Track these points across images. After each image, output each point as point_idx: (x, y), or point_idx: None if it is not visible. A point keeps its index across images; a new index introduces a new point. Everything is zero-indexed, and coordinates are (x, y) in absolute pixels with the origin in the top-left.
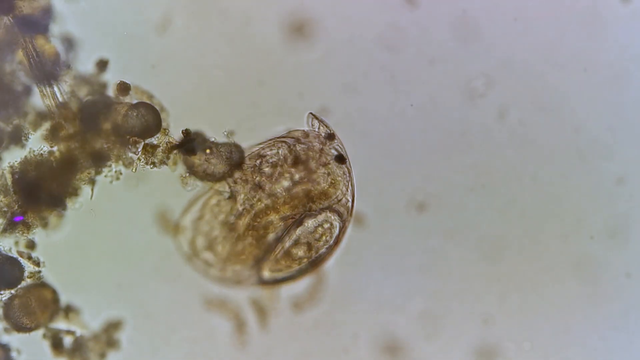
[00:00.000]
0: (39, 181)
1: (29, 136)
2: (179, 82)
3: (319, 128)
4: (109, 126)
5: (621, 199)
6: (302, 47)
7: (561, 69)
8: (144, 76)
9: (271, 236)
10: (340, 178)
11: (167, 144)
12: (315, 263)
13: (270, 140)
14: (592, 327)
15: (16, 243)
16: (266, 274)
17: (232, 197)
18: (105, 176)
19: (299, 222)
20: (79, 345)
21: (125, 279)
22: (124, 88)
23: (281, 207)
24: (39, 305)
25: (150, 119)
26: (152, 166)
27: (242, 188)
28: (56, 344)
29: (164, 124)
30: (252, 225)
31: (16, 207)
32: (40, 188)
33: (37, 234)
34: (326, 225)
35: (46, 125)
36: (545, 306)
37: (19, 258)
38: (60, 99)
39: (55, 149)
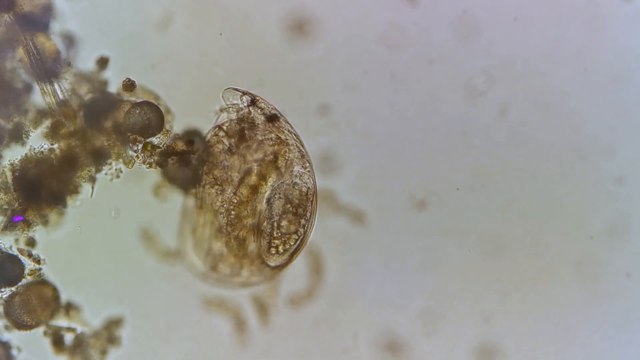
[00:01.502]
0: (40, 179)
1: (30, 134)
2: (179, 80)
3: (240, 99)
4: (111, 122)
5: (621, 198)
6: (303, 45)
7: (561, 69)
8: (143, 74)
9: (263, 225)
10: (283, 135)
11: (167, 147)
12: (308, 226)
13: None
14: (593, 326)
15: (16, 241)
16: (273, 259)
17: (202, 204)
18: (106, 174)
19: (273, 199)
20: (79, 342)
21: (125, 276)
22: (129, 85)
23: (252, 189)
24: (40, 303)
25: (153, 117)
26: (148, 166)
27: (211, 190)
28: (57, 342)
29: (167, 126)
30: (239, 218)
31: (17, 205)
32: (41, 186)
33: (38, 232)
34: (297, 186)
35: (47, 123)
36: (546, 305)
37: (20, 255)
38: (61, 97)
39: (55, 146)
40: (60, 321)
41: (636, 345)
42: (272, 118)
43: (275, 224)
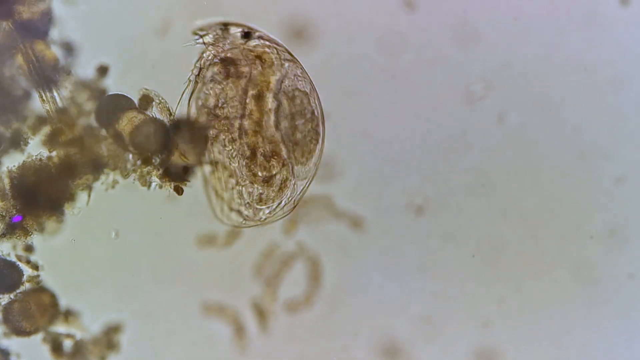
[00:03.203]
0: (38, 186)
1: (28, 141)
2: (178, 84)
3: (211, 35)
4: (119, 128)
5: (621, 199)
6: (302, 50)
7: (561, 70)
8: (143, 80)
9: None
10: (265, 49)
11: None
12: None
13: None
14: (593, 328)
15: (14, 247)
16: (300, 161)
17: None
18: (102, 183)
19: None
20: (79, 348)
21: (124, 282)
22: (145, 100)
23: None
24: (38, 309)
25: (160, 139)
26: (142, 184)
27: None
28: (56, 348)
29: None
30: (256, 144)
31: (14, 212)
32: (39, 193)
33: (36, 238)
34: (296, 87)
35: (45, 130)
36: (545, 308)
37: (18, 262)
38: (60, 104)
39: (54, 154)
40: (59, 327)
41: (637, 345)
42: (247, 36)
43: (292, 127)
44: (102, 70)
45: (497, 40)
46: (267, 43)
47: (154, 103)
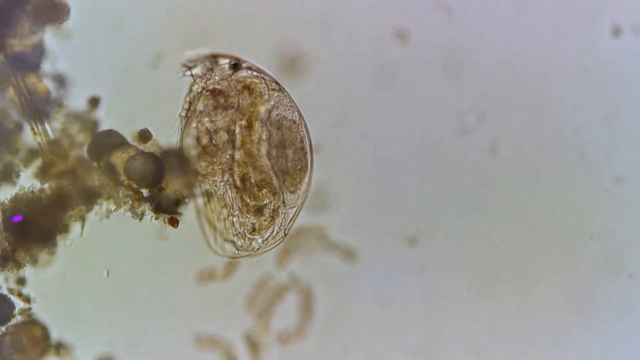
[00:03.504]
0: (30, 218)
1: (20, 173)
2: (170, 115)
3: (199, 67)
4: (112, 161)
5: (621, 199)
6: (294, 79)
7: (561, 69)
8: (134, 112)
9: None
10: (253, 80)
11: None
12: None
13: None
14: (593, 331)
15: (6, 280)
16: (290, 190)
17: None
18: (96, 214)
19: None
20: None
21: (116, 315)
22: (144, 136)
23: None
24: (30, 342)
25: (153, 172)
26: (133, 216)
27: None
28: None
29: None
30: (248, 174)
31: (7, 245)
32: (31, 225)
33: (28, 270)
34: (286, 120)
35: (37, 163)
36: (539, 341)
37: (9, 295)
38: (52, 137)
39: (46, 186)
40: None
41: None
42: (235, 67)
43: (281, 156)
44: (94, 102)
45: (496, 37)
46: (255, 74)
47: (147, 139)
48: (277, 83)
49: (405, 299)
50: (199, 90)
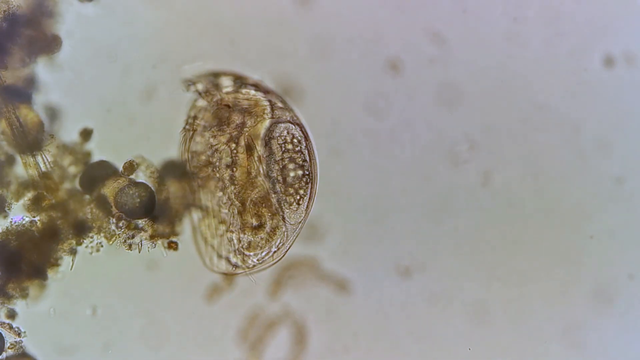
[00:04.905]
0: (20, 252)
1: (12, 206)
2: (164, 146)
3: (202, 84)
4: (103, 193)
5: (621, 199)
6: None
7: (561, 69)
8: (127, 143)
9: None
10: (255, 96)
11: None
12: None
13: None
14: (592, 332)
15: None
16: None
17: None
18: (86, 247)
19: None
20: None
21: (107, 347)
22: (130, 167)
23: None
24: None
25: (145, 203)
26: (127, 248)
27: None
28: None
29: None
30: (246, 192)
31: None
32: (21, 258)
33: (18, 304)
34: (288, 138)
35: (29, 195)
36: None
37: (0, 328)
38: (44, 169)
39: (37, 219)
40: None
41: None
42: (238, 84)
43: (281, 177)
44: (86, 134)
45: (495, 40)
46: (259, 91)
47: (140, 169)
48: (282, 101)
49: (398, 331)
50: (201, 106)
